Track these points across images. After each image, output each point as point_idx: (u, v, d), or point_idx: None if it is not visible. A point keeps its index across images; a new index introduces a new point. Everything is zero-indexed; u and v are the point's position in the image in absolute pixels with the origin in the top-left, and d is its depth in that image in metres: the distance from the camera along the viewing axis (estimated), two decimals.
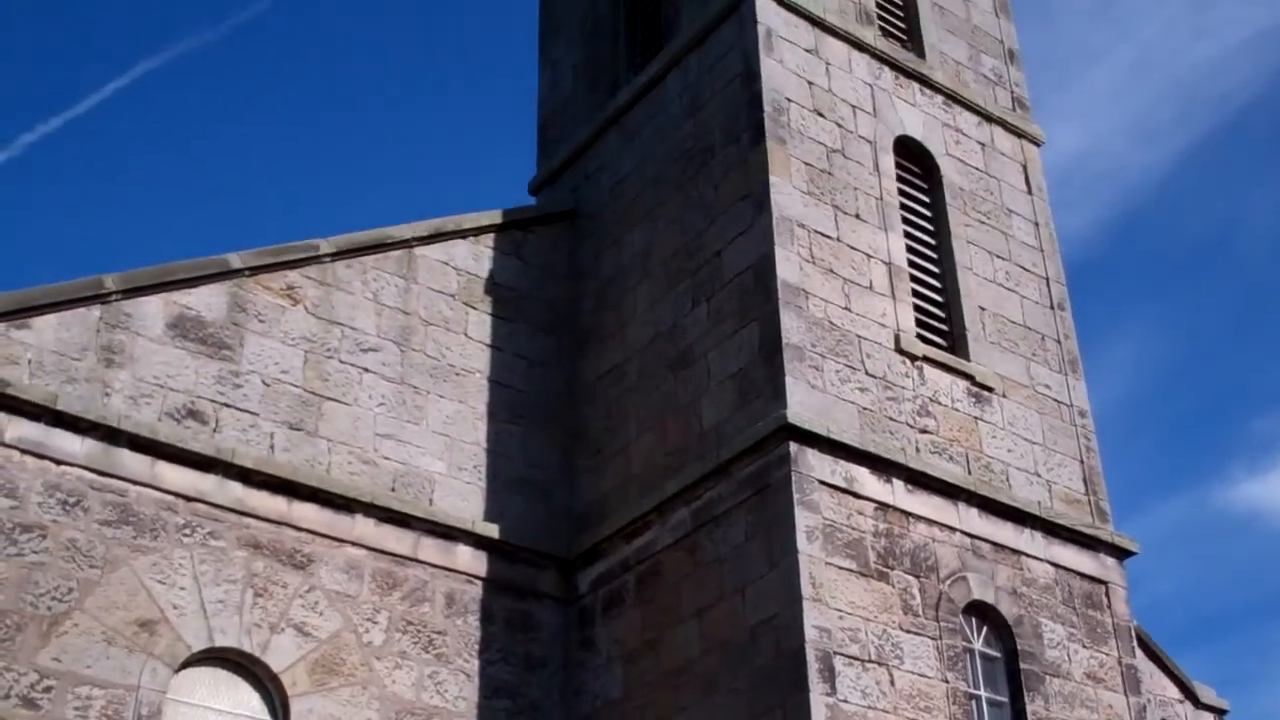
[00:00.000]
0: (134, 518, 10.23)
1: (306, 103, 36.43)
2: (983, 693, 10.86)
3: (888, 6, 14.16)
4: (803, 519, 10.27)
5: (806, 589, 10.00)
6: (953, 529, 11.22)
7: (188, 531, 10.43)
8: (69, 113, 32.56)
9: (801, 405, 10.76)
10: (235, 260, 11.54)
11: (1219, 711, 15.21)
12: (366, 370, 11.98)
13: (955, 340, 12.39)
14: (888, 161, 12.82)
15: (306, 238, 12.10)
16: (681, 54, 13.32)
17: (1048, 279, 13.48)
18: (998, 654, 11.12)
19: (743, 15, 12.71)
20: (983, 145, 13.82)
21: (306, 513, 11.04)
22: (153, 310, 11.02)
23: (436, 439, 12.11)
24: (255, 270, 11.64)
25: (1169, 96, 36.30)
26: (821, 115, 12.53)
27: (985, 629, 11.14)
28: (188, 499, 10.52)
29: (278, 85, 36.38)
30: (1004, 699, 10.97)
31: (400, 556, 11.39)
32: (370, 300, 12.28)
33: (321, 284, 12.05)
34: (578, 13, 15.66)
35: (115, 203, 34.60)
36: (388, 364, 12.13)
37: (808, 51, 12.80)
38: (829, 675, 9.79)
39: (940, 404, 11.80)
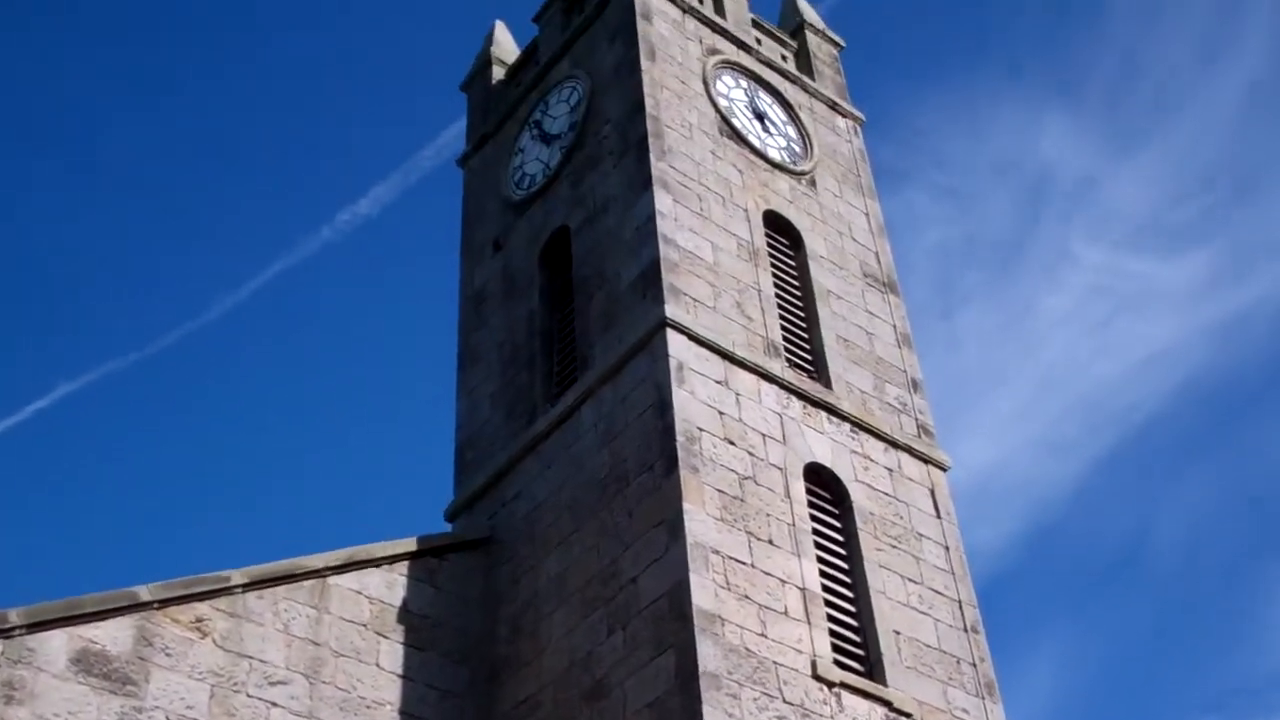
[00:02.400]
0: None
1: (222, 431, 36.62)
2: None
3: (794, 340, 14.74)
4: None
5: None
6: None
7: None
8: None
9: None
10: (144, 593, 11.38)
11: None
12: (274, 704, 11.68)
13: (871, 666, 12.38)
14: (799, 488, 13.08)
15: (220, 569, 12.02)
16: (596, 385, 13.70)
17: (960, 602, 13.62)
18: None
19: (654, 349, 13.17)
20: (890, 471, 14.17)
21: None
22: (57, 645, 10.76)
23: None
24: (164, 603, 11.47)
25: (1074, 412, 37.68)
26: (733, 444, 12.84)
27: None
28: None
29: (194, 413, 36.61)
30: None
31: None
32: (281, 631, 12.10)
33: (231, 615, 11.87)
34: (495, 343, 16.11)
35: (23, 533, 34.07)
36: (296, 697, 11.84)
37: (718, 383, 13.23)
38: None
39: None
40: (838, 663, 12.07)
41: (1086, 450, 37.63)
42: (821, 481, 13.50)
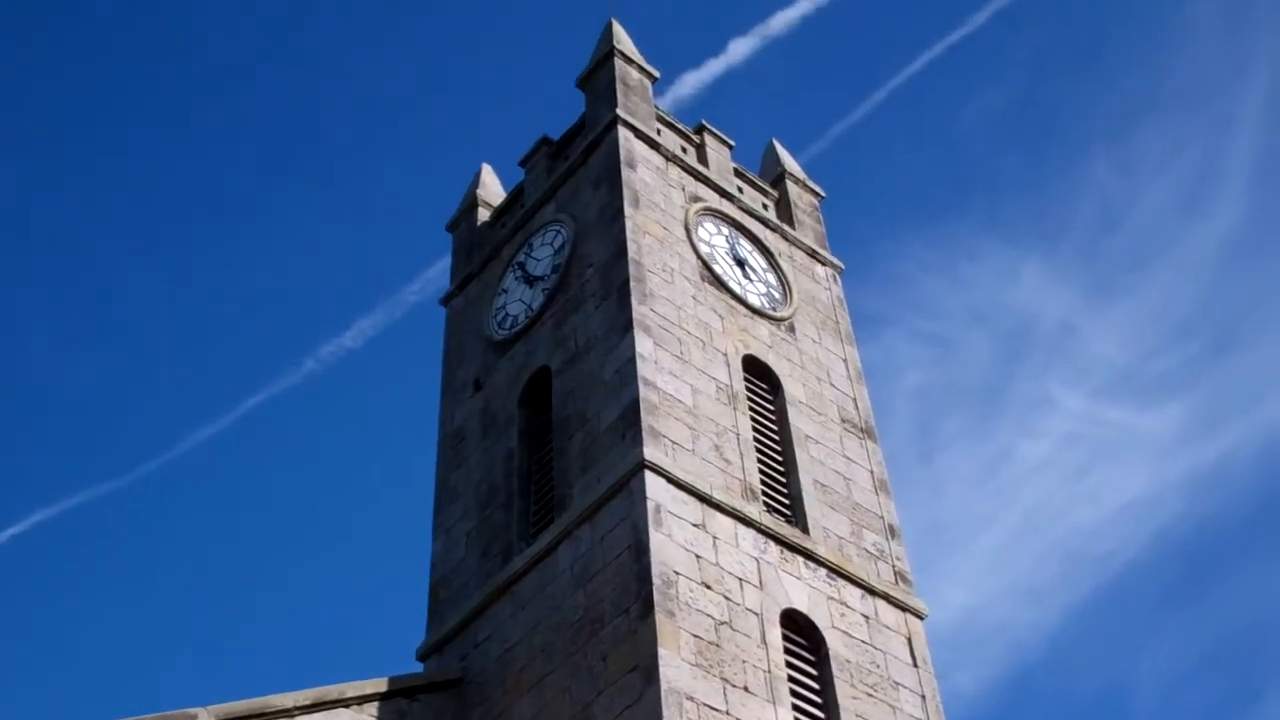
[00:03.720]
0: None
1: (195, 564, 36.27)
2: None
3: (772, 484, 14.77)
4: None
5: None
6: None
7: None
8: None
9: None
10: None
11: None
12: None
13: None
14: (775, 634, 13.00)
15: (187, 706, 11.83)
16: (573, 526, 13.67)
17: None
18: None
19: (633, 491, 13.18)
20: (867, 618, 14.10)
21: None
22: None
23: None
24: None
25: (1052, 558, 37.62)
26: (709, 588, 12.79)
27: None
28: None
29: (168, 544, 36.29)
30: None
31: None
32: None
33: None
34: (472, 482, 16.09)
35: None
36: None
37: (695, 526, 13.22)
38: None
39: None
40: None
41: (1064, 596, 37.55)
42: (798, 628, 13.42)
